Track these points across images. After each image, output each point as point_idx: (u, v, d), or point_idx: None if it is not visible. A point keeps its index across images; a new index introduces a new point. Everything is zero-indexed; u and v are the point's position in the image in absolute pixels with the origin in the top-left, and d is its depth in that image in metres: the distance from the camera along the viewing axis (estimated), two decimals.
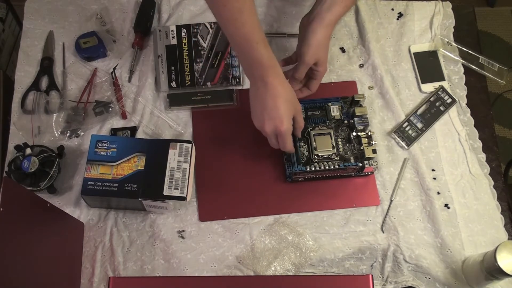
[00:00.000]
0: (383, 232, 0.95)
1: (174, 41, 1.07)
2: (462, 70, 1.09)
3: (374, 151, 0.96)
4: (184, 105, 1.03)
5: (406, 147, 1.01)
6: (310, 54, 0.92)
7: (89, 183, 0.90)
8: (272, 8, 1.13)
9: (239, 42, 0.83)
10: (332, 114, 0.99)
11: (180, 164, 0.91)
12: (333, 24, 0.93)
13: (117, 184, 0.90)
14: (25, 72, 1.06)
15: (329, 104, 1.00)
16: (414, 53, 1.09)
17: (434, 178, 0.99)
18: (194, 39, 1.07)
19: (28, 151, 0.94)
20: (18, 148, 0.96)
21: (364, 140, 0.97)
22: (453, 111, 1.05)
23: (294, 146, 0.93)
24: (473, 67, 1.09)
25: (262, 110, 0.86)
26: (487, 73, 1.09)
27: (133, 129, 1.01)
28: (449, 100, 1.05)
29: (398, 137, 1.02)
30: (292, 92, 0.88)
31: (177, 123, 1.03)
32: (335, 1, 0.92)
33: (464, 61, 1.09)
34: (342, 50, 1.10)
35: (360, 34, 1.11)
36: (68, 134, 1.01)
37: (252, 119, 0.90)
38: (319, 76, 0.96)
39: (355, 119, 0.97)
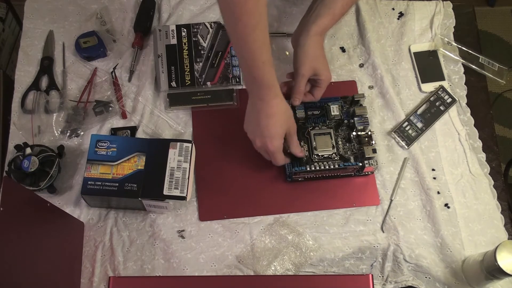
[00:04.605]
0: (383, 231, 0.95)
1: (174, 41, 1.07)
2: (462, 69, 1.09)
3: (374, 150, 0.96)
4: (184, 104, 1.03)
5: (406, 147, 1.01)
6: (303, 67, 0.92)
7: (89, 182, 0.90)
8: (273, 7, 1.13)
9: (246, 58, 0.82)
10: (332, 113, 0.99)
11: (180, 164, 0.91)
12: (320, 34, 0.93)
13: (117, 184, 0.90)
14: (25, 72, 1.06)
15: (329, 103, 1.00)
16: (414, 53, 1.09)
17: (434, 178, 0.99)
18: (194, 39, 1.07)
19: (28, 150, 0.94)
20: (18, 147, 0.96)
21: (364, 140, 0.97)
22: (453, 110, 1.05)
23: None
24: (473, 66, 1.09)
25: (255, 126, 0.88)
26: (487, 73, 1.09)
27: (133, 129, 1.01)
28: (449, 100, 1.05)
29: (398, 136, 1.02)
30: (288, 112, 0.90)
31: (177, 122, 1.03)
32: (320, 13, 0.93)
33: (464, 61, 1.09)
34: (342, 49, 1.10)
35: (360, 34, 1.11)
36: (68, 134, 1.01)
37: (245, 130, 0.91)
38: (322, 84, 0.96)
39: (355, 118, 0.98)
